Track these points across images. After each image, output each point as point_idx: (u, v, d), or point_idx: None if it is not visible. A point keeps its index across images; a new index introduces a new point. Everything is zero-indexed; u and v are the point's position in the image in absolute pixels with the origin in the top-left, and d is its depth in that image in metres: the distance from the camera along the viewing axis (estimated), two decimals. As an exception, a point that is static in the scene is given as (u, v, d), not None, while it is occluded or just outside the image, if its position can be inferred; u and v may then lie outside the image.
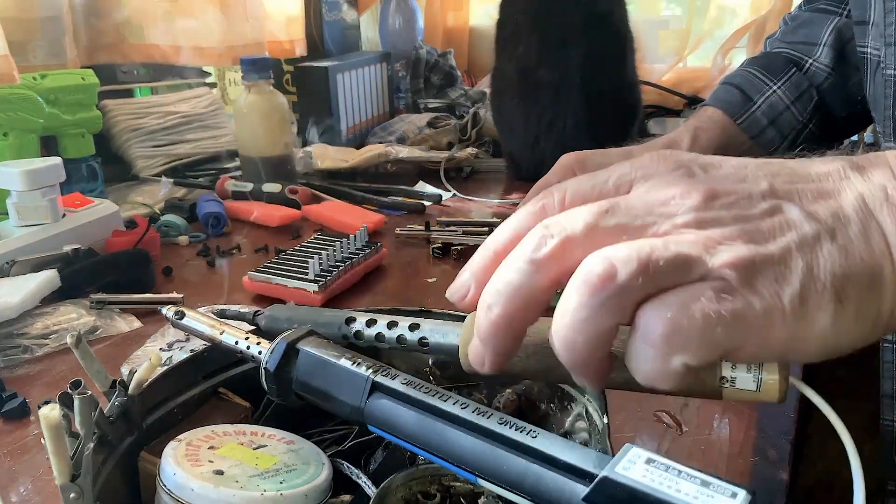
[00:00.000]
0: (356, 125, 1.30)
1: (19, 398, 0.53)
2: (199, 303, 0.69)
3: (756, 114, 0.78)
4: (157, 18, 1.15)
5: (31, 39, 0.98)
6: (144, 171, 1.09)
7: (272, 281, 0.70)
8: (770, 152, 0.78)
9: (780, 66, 0.80)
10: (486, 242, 0.29)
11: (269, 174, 1.02)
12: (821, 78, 0.79)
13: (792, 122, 0.78)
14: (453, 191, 1.05)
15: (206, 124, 1.20)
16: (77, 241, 0.74)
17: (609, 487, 0.24)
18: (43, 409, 0.28)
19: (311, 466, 0.35)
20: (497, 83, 1.13)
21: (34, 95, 0.89)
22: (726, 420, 0.49)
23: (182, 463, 0.33)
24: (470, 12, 1.79)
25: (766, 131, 0.79)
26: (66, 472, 0.30)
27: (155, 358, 0.36)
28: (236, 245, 0.86)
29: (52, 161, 0.76)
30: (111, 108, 1.09)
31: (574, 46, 1.02)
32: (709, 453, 0.46)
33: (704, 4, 1.62)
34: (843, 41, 0.78)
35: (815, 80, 0.80)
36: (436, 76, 1.52)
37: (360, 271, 0.74)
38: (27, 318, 0.63)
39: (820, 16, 0.81)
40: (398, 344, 0.37)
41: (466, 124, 1.27)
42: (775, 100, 0.78)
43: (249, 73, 1.01)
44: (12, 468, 0.47)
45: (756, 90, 0.79)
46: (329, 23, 1.39)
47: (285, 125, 1.04)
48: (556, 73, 1.02)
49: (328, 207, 0.96)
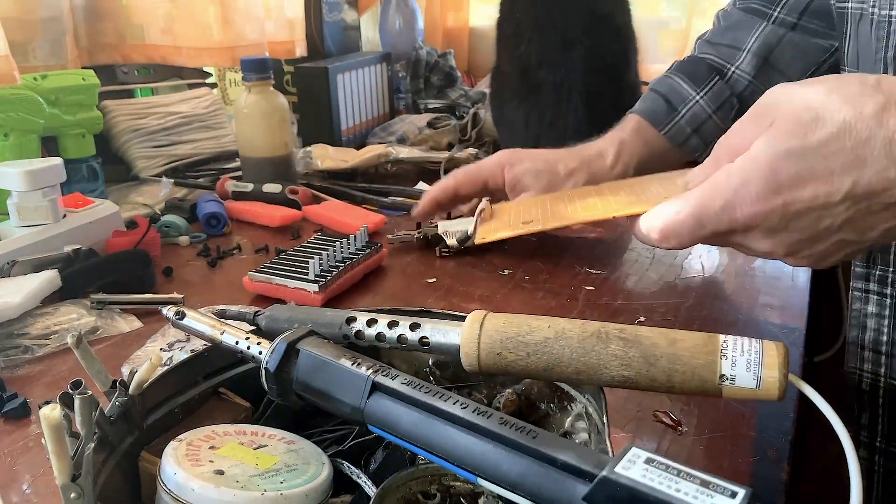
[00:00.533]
0: (356, 125, 1.30)
1: (20, 398, 0.53)
2: (199, 303, 0.69)
3: (680, 123, 0.84)
4: (158, 19, 1.15)
5: (32, 40, 0.98)
6: (145, 171, 1.09)
7: (272, 281, 0.70)
8: (694, 158, 0.86)
9: (704, 74, 0.84)
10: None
11: (270, 174, 1.02)
12: (742, 86, 0.84)
13: (714, 130, 0.83)
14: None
15: (207, 125, 1.20)
16: (77, 241, 0.74)
17: (609, 487, 0.24)
18: (43, 410, 0.29)
19: (311, 466, 0.35)
20: (497, 83, 1.13)
21: (35, 96, 0.89)
22: (726, 420, 0.49)
23: (182, 463, 0.33)
24: (470, 12, 1.79)
25: (690, 139, 0.85)
26: (67, 472, 0.30)
27: (155, 358, 0.36)
28: (236, 245, 0.86)
29: (52, 161, 0.76)
30: (111, 108, 1.10)
31: (576, 47, 1.01)
32: (709, 453, 0.46)
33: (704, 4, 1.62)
34: (769, 48, 0.82)
35: (736, 88, 0.84)
36: (436, 77, 1.52)
37: (360, 271, 0.74)
38: (28, 319, 0.64)
39: (749, 19, 0.84)
40: (399, 343, 0.37)
41: (466, 125, 1.27)
42: (698, 109, 0.84)
43: (249, 74, 1.01)
44: (13, 468, 0.47)
45: (680, 99, 0.84)
46: (329, 23, 1.39)
47: (285, 125, 1.04)
48: (558, 73, 1.02)
49: (328, 208, 0.96)
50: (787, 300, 0.68)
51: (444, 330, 0.36)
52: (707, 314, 0.66)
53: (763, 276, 0.74)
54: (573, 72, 1.02)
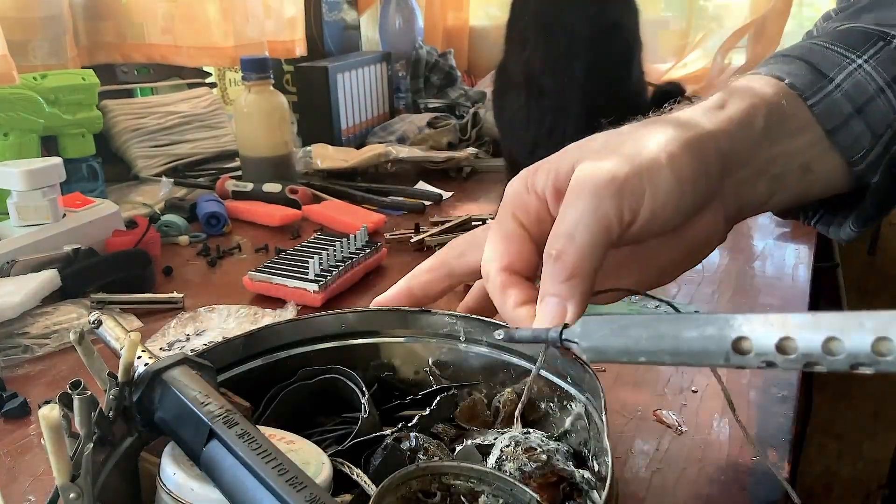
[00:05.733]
0: (356, 125, 1.30)
1: (20, 398, 0.53)
2: (199, 302, 0.70)
3: (834, 95, 0.45)
4: (157, 18, 1.15)
5: (31, 39, 0.98)
6: (144, 171, 1.09)
7: (272, 281, 0.70)
8: (858, 168, 0.44)
9: (859, 39, 0.48)
10: None
11: (270, 174, 1.02)
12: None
13: (887, 114, 0.46)
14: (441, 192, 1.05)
15: (207, 124, 1.20)
16: (77, 241, 0.74)
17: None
18: (43, 409, 0.28)
19: (311, 466, 0.35)
20: (501, 81, 1.12)
21: (34, 95, 0.89)
22: (726, 420, 0.49)
23: (182, 463, 0.33)
24: (470, 12, 1.78)
25: (851, 124, 0.45)
26: (66, 472, 0.30)
27: (134, 335, 0.35)
28: (236, 245, 0.86)
29: (52, 161, 0.76)
30: (111, 108, 1.09)
31: (579, 58, 1.00)
32: (709, 453, 0.46)
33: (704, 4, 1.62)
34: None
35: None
36: (436, 76, 1.51)
37: (360, 271, 0.74)
38: (28, 318, 0.63)
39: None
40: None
41: (466, 124, 1.27)
42: (861, 79, 0.46)
43: (249, 73, 1.01)
44: (12, 468, 0.47)
45: (832, 65, 0.46)
46: (329, 23, 1.39)
47: (285, 125, 1.04)
48: (560, 82, 1.01)
49: (328, 207, 0.96)
50: (787, 300, 0.68)
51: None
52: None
53: (763, 276, 0.74)
54: (576, 81, 1.01)
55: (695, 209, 0.38)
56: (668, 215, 0.36)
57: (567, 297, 0.34)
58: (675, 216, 0.37)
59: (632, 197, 0.35)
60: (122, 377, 0.35)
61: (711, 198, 0.39)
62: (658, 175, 0.35)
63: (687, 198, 0.37)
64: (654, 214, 0.36)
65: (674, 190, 0.36)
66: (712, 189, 0.39)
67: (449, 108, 1.40)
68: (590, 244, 0.34)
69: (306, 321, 0.45)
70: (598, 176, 0.35)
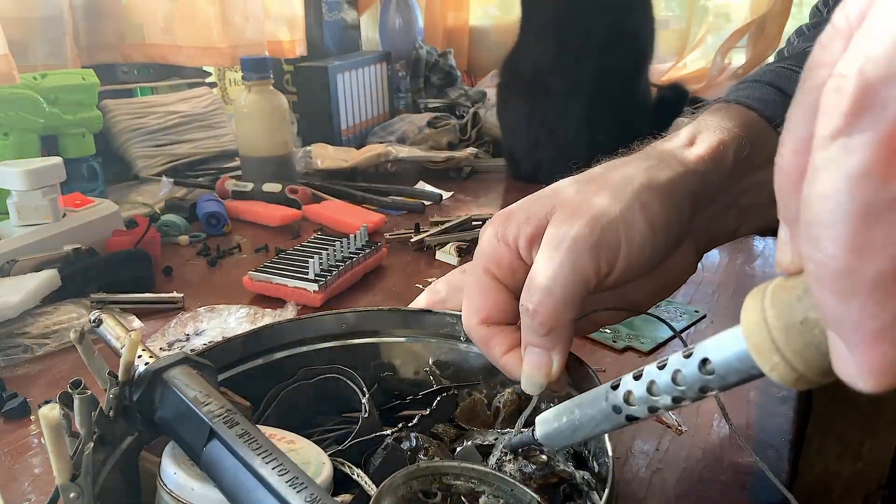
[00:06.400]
0: (356, 125, 1.30)
1: (20, 398, 0.53)
2: (199, 302, 0.69)
3: None
4: (157, 18, 1.15)
5: (32, 39, 0.98)
6: (144, 170, 1.09)
7: (272, 281, 0.70)
8: None
9: None
10: None
11: (269, 174, 1.02)
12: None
13: None
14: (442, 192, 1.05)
15: (207, 124, 1.20)
16: (77, 240, 0.74)
17: None
18: (43, 409, 0.28)
19: (311, 466, 0.35)
20: (507, 75, 1.11)
21: (35, 95, 0.89)
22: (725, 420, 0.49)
23: (182, 462, 0.33)
24: (470, 12, 1.79)
25: None
26: (66, 471, 0.30)
27: (135, 335, 0.35)
28: (236, 245, 0.86)
29: (52, 161, 0.76)
30: (111, 107, 1.09)
31: (589, 60, 0.99)
32: (709, 453, 0.46)
33: (704, 5, 1.62)
34: None
35: None
36: (436, 76, 1.52)
37: (360, 271, 0.74)
38: (27, 318, 0.63)
39: None
40: (676, 386, 0.30)
41: (466, 124, 1.27)
42: None
43: (249, 73, 1.01)
44: (12, 468, 0.47)
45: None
46: (329, 23, 1.39)
47: (285, 125, 1.04)
48: (567, 83, 1.01)
49: (328, 207, 0.96)
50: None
51: (719, 338, 0.26)
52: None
53: (763, 277, 0.74)
54: (582, 85, 1.00)
55: (668, 253, 0.39)
56: (644, 262, 0.37)
57: (550, 348, 0.36)
58: (650, 262, 0.38)
59: (608, 249, 0.36)
60: (122, 377, 0.35)
61: (683, 238, 0.40)
62: (632, 228, 0.36)
63: (660, 244, 0.37)
64: (630, 263, 0.36)
65: (648, 239, 0.36)
66: (684, 231, 0.40)
67: (449, 108, 1.40)
68: (567, 298, 0.35)
69: (306, 321, 0.45)
70: (574, 231, 0.36)
